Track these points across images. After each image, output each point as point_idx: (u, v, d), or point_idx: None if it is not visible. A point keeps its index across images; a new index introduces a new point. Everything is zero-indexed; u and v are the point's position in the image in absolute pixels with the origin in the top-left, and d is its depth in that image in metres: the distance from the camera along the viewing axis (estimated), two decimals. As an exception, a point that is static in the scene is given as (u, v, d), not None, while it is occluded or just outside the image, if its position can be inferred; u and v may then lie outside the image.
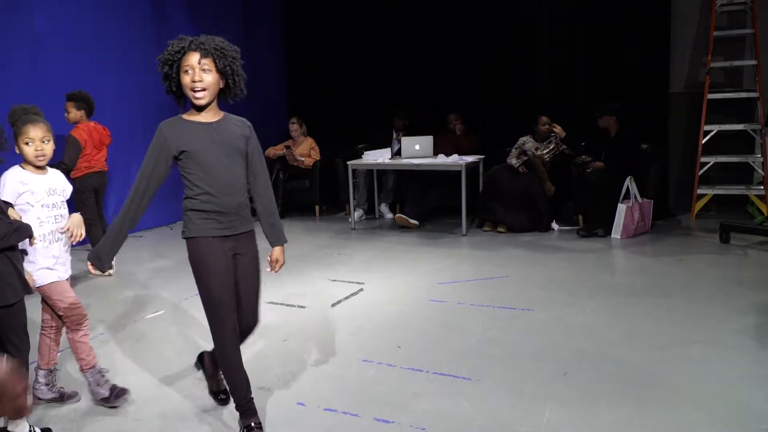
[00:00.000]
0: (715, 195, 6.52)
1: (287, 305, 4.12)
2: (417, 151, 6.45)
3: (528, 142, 6.25)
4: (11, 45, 5.29)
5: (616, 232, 5.72)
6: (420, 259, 5.23)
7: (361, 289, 4.45)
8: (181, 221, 2.41)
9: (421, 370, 3.08)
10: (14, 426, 2.46)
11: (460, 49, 7.40)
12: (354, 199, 6.76)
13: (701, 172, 6.49)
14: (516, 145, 6.31)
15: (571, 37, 6.95)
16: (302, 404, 2.79)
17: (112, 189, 6.05)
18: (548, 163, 6.23)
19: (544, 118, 6.26)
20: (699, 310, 3.77)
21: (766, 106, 6.31)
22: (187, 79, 2.29)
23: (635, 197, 5.75)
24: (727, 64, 6.54)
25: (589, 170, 5.99)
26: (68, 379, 3.09)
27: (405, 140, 6.55)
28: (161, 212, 6.55)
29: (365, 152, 6.71)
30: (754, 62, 6.39)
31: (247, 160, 2.45)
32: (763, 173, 6.35)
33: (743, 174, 6.66)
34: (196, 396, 2.90)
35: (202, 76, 2.28)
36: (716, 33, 6.43)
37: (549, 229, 6.14)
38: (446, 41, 7.48)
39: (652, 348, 3.25)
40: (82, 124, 4.96)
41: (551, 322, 3.67)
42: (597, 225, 5.85)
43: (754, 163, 6.50)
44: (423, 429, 2.53)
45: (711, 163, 6.48)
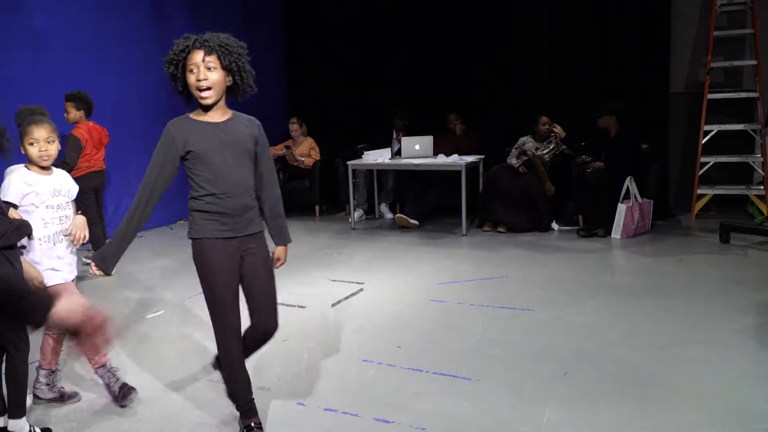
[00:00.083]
0: (715, 195, 6.52)
1: (287, 305, 4.11)
2: (417, 151, 6.45)
3: (528, 142, 6.25)
4: (11, 45, 5.29)
5: (616, 232, 5.72)
6: (420, 259, 5.23)
7: (361, 289, 4.45)
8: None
9: (421, 370, 3.08)
10: (14, 426, 2.46)
11: (460, 49, 7.40)
12: (354, 199, 6.76)
13: (701, 172, 6.49)
14: (516, 145, 6.31)
15: (571, 37, 6.95)
16: (302, 404, 2.79)
17: (111, 189, 6.04)
18: (548, 163, 6.23)
19: (544, 118, 6.26)
20: (699, 310, 3.77)
21: (766, 106, 6.31)
22: (192, 78, 2.25)
23: (635, 197, 5.75)
24: (727, 64, 6.54)
25: (589, 170, 5.99)
26: (74, 378, 3.10)
27: (405, 140, 6.55)
28: (161, 212, 6.51)
29: (365, 152, 6.71)
30: (754, 62, 6.39)
31: (256, 160, 2.42)
32: (763, 173, 6.35)
33: (743, 174, 6.66)
34: (196, 396, 2.90)
35: (207, 74, 2.24)
36: (716, 33, 6.43)
37: (549, 229, 6.14)
38: (446, 41, 7.47)
39: (652, 348, 3.25)
40: (81, 123, 4.96)
41: (551, 322, 3.68)
42: (597, 225, 5.85)
43: (754, 163, 6.50)
44: (423, 429, 2.54)
45: (711, 163, 6.48)
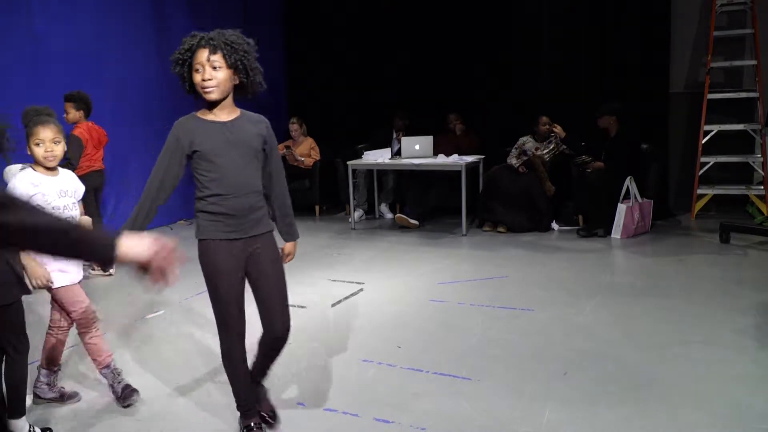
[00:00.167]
0: (715, 195, 6.52)
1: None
2: (417, 151, 6.45)
3: (528, 142, 6.25)
4: (11, 45, 5.28)
5: (616, 232, 5.72)
6: (420, 259, 5.23)
7: (361, 289, 4.45)
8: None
9: (421, 370, 3.08)
10: (14, 426, 2.46)
11: (460, 49, 7.40)
12: (354, 199, 6.76)
13: (701, 172, 6.49)
14: (516, 145, 6.31)
15: (571, 37, 6.95)
16: (302, 404, 2.79)
17: (111, 189, 6.03)
18: (548, 163, 6.23)
19: (544, 118, 6.26)
20: (699, 311, 3.77)
21: (766, 106, 6.31)
22: (197, 77, 2.22)
23: (635, 197, 5.74)
24: (727, 64, 6.54)
25: (589, 170, 5.99)
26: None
27: (405, 140, 6.55)
28: (161, 212, 6.52)
29: (365, 152, 6.70)
30: (754, 62, 6.39)
31: (265, 159, 2.39)
32: (763, 173, 6.35)
33: (743, 174, 6.66)
34: (196, 396, 2.90)
35: (212, 74, 2.20)
36: (716, 33, 6.43)
37: (549, 229, 6.14)
38: (446, 41, 7.47)
39: (652, 348, 3.25)
40: (81, 123, 4.96)
41: (551, 322, 3.67)
42: (597, 225, 5.85)
43: (754, 163, 6.50)
44: (423, 429, 2.54)
45: (711, 163, 6.48)
